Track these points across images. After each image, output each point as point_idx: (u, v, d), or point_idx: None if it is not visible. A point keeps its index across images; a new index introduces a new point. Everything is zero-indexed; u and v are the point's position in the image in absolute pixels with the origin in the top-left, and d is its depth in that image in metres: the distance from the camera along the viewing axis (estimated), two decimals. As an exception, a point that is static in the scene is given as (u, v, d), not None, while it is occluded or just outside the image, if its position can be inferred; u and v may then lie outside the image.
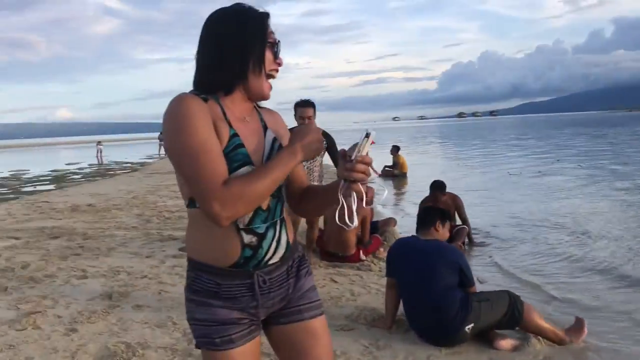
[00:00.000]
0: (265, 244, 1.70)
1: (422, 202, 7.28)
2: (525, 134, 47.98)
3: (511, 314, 3.73)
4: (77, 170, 26.36)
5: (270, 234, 1.72)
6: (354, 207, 1.66)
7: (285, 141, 1.78)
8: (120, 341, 3.91)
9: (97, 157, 34.98)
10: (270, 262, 1.74)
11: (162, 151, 38.73)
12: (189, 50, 1.84)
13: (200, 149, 1.54)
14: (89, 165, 31.15)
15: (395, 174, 15.84)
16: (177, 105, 1.59)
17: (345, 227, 1.67)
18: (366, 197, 1.64)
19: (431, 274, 3.81)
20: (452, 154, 27.06)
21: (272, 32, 1.75)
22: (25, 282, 5.54)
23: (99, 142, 38.25)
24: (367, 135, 1.63)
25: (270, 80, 1.76)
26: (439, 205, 7.05)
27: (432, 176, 15.45)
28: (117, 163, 31.79)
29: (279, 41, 1.75)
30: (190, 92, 1.68)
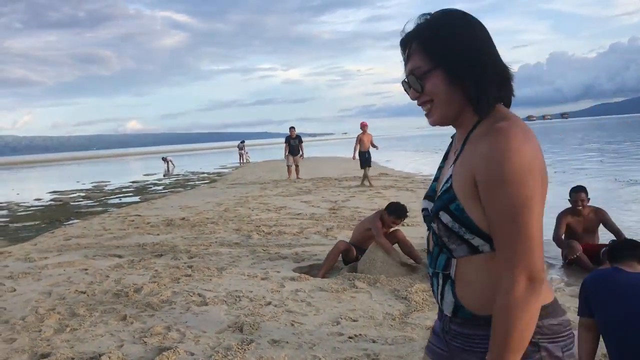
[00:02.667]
0: (433, 289, 1.57)
1: (562, 213, 6.47)
2: (612, 136, 45.44)
3: None
4: (157, 182, 26.65)
5: (434, 283, 1.55)
6: None
7: (464, 181, 1.41)
8: (270, 389, 3.39)
9: (167, 169, 35.89)
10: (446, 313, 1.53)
11: (244, 159, 39.30)
12: (252, 61, 1.30)
13: None
14: (164, 175, 31.65)
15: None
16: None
17: None
18: None
19: (651, 316, 3.09)
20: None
21: None
22: (143, 309, 5.15)
23: (164, 158, 39.16)
24: None
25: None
26: (583, 215, 6.28)
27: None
28: (193, 173, 32.07)
29: None
30: None
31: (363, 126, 16.87)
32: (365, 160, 16.72)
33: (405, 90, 1.52)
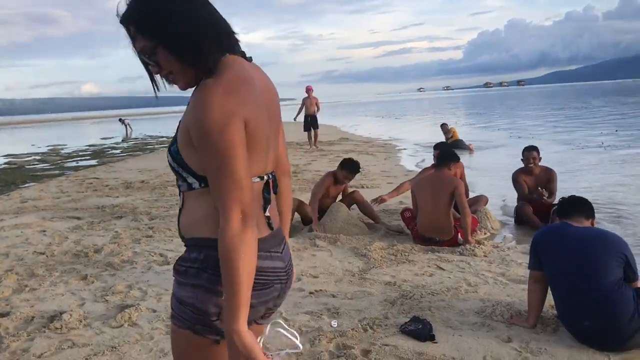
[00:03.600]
0: None
1: (516, 173, 6.70)
2: (565, 103, 46.49)
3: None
4: (115, 145, 26.16)
5: None
6: None
7: (181, 129, 1.57)
8: (233, 342, 3.47)
9: (126, 131, 35.04)
10: None
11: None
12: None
13: None
14: (123, 139, 31.01)
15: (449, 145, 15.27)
16: None
17: None
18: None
19: (596, 267, 3.27)
20: (496, 125, 26.06)
21: None
22: (103, 269, 5.15)
23: (121, 119, 38.04)
24: None
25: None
26: (535, 174, 6.52)
27: (488, 148, 15.06)
28: (152, 137, 31.54)
29: None
30: None
31: (308, 90, 17.37)
32: (308, 123, 17.24)
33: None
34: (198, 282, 1.53)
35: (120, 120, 38.28)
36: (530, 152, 6.60)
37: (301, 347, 1.58)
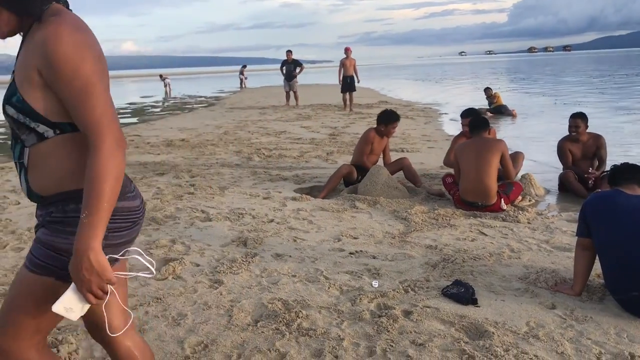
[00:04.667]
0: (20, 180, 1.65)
1: (562, 141, 6.52)
2: (614, 69, 44.86)
3: None
4: (155, 104, 26.43)
5: (19, 174, 1.64)
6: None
7: (25, 73, 1.49)
8: (274, 297, 3.51)
9: (166, 90, 34.75)
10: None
11: (244, 85, 38.32)
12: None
13: None
14: (163, 98, 31.26)
15: (492, 110, 14.99)
16: None
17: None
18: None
19: (647, 236, 3.18)
20: (539, 91, 25.36)
21: None
22: (147, 223, 5.25)
23: (163, 77, 37.06)
24: None
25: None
26: (582, 141, 6.34)
27: (532, 114, 14.68)
28: (191, 97, 31.75)
29: None
30: None
31: (347, 51, 17.20)
32: (347, 84, 16.97)
33: None
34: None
35: (160, 76, 37.68)
36: (573, 120, 6.41)
37: (154, 272, 1.63)
